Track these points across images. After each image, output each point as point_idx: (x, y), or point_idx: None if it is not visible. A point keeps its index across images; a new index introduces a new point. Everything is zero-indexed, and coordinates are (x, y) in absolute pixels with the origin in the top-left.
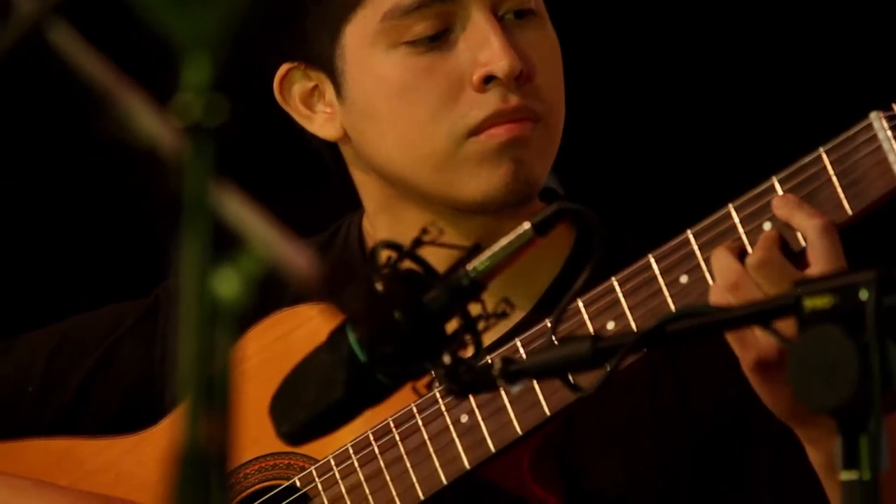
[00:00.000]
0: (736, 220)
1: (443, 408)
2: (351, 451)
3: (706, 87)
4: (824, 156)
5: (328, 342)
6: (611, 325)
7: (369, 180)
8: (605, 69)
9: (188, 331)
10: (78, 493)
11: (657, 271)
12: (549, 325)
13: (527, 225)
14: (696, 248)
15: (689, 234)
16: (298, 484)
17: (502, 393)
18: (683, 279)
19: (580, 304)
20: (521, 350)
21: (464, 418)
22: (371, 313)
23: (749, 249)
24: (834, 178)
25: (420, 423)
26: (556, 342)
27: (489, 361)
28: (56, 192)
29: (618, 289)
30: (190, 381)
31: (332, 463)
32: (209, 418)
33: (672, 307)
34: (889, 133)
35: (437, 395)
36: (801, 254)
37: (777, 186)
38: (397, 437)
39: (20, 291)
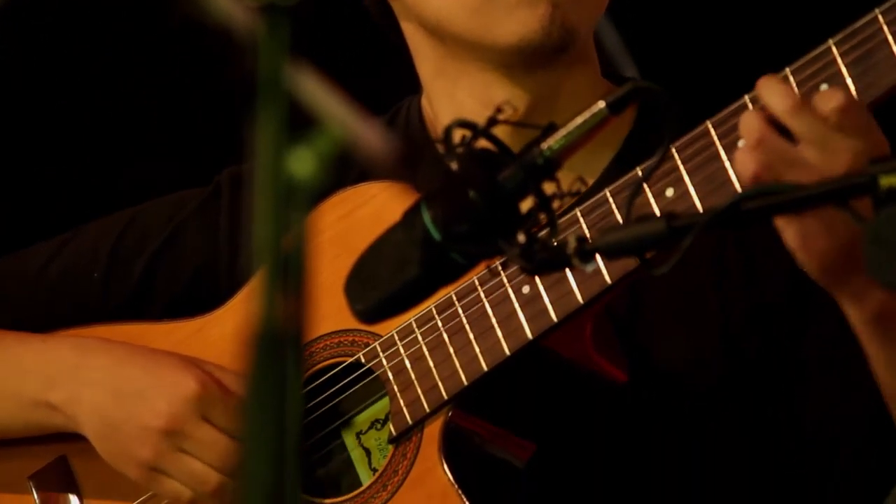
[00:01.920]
0: (793, 83)
1: (504, 279)
2: (414, 325)
3: None
4: (880, 17)
5: (402, 221)
6: (669, 192)
7: (421, 39)
8: None
9: (263, 209)
10: (142, 348)
11: (715, 137)
12: (608, 195)
13: (602, 104)
14: None
15: (747, 98)
16: (363, 360)
17: None
18: (741, 143)
19: (639, 171)
20: (582, 221)
21: (525, 289)
22: (446, 192)
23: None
24: (890, 38)
25: (482, 294)
26: (619, 218)
27: (564, 240)
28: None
29: (676, 155)
30: (266, 259)
31: (396, 338)
32: (286, 295)
33: (730, 172)
34: None
35: (499, 266)
36: None
37: (833, 49)
38: (460, 310)
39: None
